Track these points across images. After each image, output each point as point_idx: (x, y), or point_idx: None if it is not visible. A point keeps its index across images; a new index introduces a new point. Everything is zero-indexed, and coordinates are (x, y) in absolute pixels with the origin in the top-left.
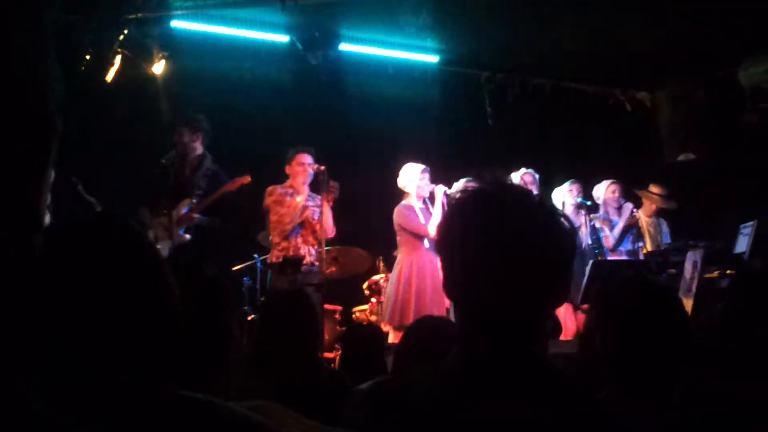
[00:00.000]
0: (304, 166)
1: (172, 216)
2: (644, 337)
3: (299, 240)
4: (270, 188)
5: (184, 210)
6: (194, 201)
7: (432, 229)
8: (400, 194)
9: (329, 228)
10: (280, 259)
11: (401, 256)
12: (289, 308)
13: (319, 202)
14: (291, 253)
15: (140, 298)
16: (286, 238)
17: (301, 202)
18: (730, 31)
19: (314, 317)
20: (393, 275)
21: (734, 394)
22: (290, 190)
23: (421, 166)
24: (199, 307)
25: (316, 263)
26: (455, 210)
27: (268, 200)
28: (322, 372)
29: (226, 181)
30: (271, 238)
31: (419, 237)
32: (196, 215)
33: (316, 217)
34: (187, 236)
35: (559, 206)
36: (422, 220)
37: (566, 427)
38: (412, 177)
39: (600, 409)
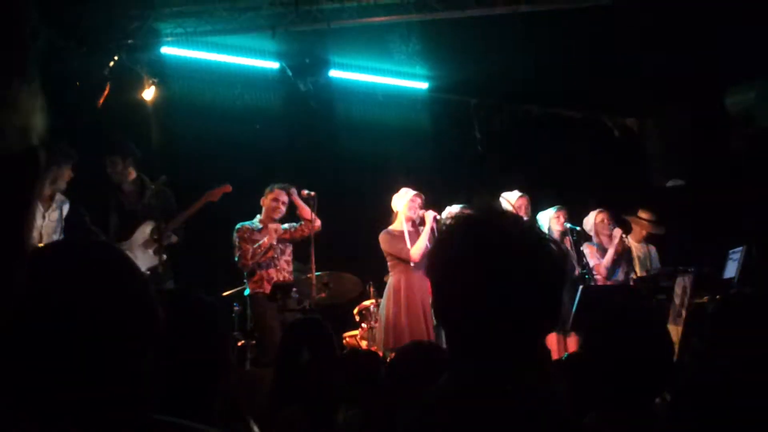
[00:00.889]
0: (278, 203)
1: (160, 239)
2: (629, 363)
3: (271, 271)
4: (238, 226)
5: (147, 231)
6: (162, 222)
7: (415, 253)
8: (391, 218)
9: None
10: (260, 289)
11: (391, 279)
12: (310, 338)
13: (287, 237)
14: (265, 283)
15: (126, 318)
16: (251, 273)
17: (268, 240)
18: (716, 59)
19: (334, 345)
20: (384, 299)
21: (719, 416)
22: (259, 226)
23: (412, 192)
24: (192, 331)
25: (294, 289)
26: (446, 236)
27: (235, 237)
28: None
29: (171, 198)
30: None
31: (405, 259)
32: (171, 233)
33: (276, 256)
34: (163, 256)
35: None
36: (408, 242)
37: None
38: (403, 199)
39: None
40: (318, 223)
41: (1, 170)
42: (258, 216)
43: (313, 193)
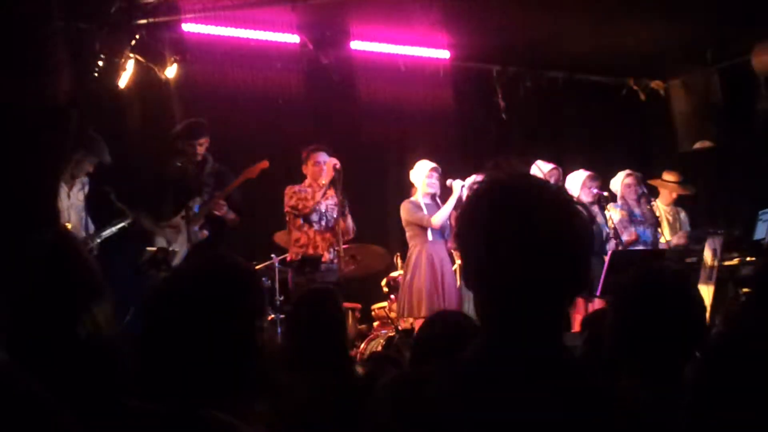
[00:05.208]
0: (320, 164)
1: (188, 216)
2: (661, 327)
3: (318, 237)
4: (289, 186)
5: (195, 208)
6: (204, 198)
7: (436, 220)
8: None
9: (350, 228)
10: (299, 257)
11: (411, 250)
12: (318, 307)
13: (335, 201)
14: (310, 249)
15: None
16: (303, 224)
17: (318, 197)
18: (742, 18)
19: (342, 315)
20: (405, 269)
21: (755, 381)
22: (308, 189)
23: (430, 165)
24: (231, 297)
25: (335, 261)
26: (473, 200)
27: (288, 193)
28: (354, 369)
29: (232, 177)
30: (290, 236)
31: (425, 229)
32: (223, 203)
33: (334, 215)
34: (204, 232)
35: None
36: (426, 213)
37: (587, 419)
38: (421, 173)
39: (618, 400)
40: (352, 234)
41: (45, 119)
42: (306, 180)
43: (338, 165)
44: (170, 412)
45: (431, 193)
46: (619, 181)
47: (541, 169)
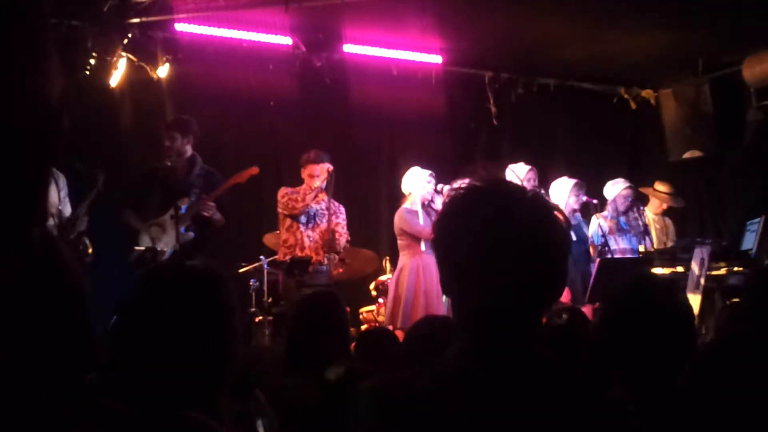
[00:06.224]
0: (313, 178)
1: (176, 215)
2: (650, 335)
3: (305, 239)
4: (283, 188)
5: (183, 208)
6: (192, 199)
7: None
8: (401, 198)
9: (340, 244)
10: (287, 258)
11: (403, 259)
12: (322, 310)
13: (326, 206)
14: (297, 250)
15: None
16: (291, 225)
17: (309, 200)
18: (733, 28)
19: (345, 319)
20: (395, 278)
21: (746, 389)
22: (301, 190)
23: (427, 172)
24: (195, 303)
25: (324, 262)
26: (449, 207)
27: (281, 194)
28: (354, 371)
29: (221, 180)
30: (280, 236)
31: (419, 240)
32: (212, 204)
33: (324, 220)
34: (191, 233)
35: (559, 203)
36: (422, 222)
37: (567, 423)
38: (419, 181)
39: (601, 405)
40: (343, 240)
41: (35, 126)
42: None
43: (330, 169)
44: (147, 412)
45: (426, 201)
46: (617, 190)
47: (516, 173)
